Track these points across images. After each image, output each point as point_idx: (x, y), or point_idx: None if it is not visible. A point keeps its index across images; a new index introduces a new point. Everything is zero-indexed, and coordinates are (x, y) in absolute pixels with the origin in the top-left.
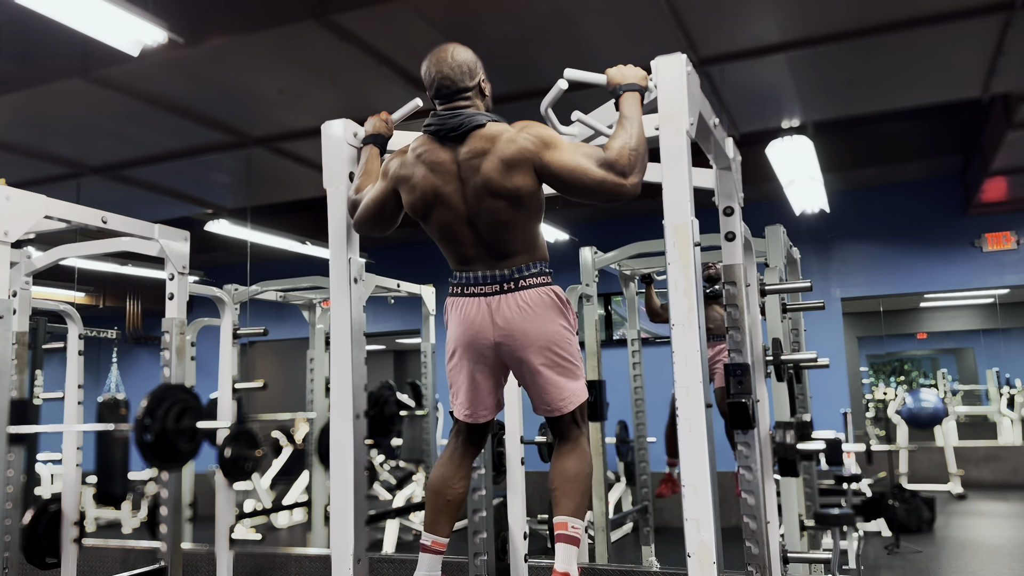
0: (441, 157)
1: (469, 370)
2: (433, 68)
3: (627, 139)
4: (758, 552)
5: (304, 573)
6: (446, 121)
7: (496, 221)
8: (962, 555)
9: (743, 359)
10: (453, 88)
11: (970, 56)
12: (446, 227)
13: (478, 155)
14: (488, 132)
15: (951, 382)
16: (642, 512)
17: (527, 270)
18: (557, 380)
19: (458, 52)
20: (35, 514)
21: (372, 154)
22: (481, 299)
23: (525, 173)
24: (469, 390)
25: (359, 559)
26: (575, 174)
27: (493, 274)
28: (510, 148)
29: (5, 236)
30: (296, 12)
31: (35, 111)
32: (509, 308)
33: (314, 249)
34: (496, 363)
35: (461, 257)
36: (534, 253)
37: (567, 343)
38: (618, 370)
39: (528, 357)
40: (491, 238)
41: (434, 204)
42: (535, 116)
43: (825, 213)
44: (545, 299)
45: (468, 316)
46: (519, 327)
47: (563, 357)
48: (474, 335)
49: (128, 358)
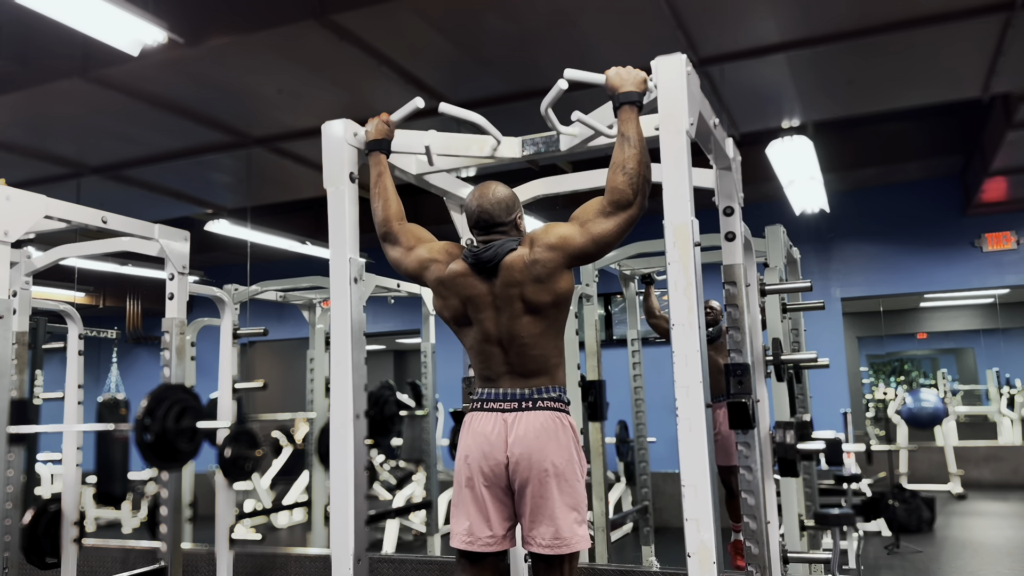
0: (478, 289)
1: (476, 488)
2: (475, 203)
3: (624, 165)
4: (758, 552)
5: (304, 573)
6: (480, 256)
7: (525, 340)
8: (962, 555)
9: (743, 359)
10: (491, 222)
11: (970, 56)
12: (476, 344)
13: (513, 285)
14: (514, 259)
15: (951, 382)
16: (642, 512)
17: (546, 392)
18: (561, 512)
19: (499, 190)
20: (35, 514)
21: (383, 168)
22: (499, 415)
23: (559, 277)
24: (472, 510)
25: (359, 559)
26: (599, 243)
27: (514, 392)
28: (537, 268)
29: (5, 236)
30: (296, 12)
31: (35, 111)
32: (523, 426)
33: (314, 249)
34: (505, 486)
35: (487, 373)
36: (554, 377)
37: (577, 480)
38: (618, 370)
39: (537, 478)
40: (518, 357)
41: (464, 325)
42: (535, 117)
43: (825, 213)
44: (559, 426)
45: (484, 430)
46: (531, 444)
47: (570, 494)
48: (488, 449)
49: (128, 358)
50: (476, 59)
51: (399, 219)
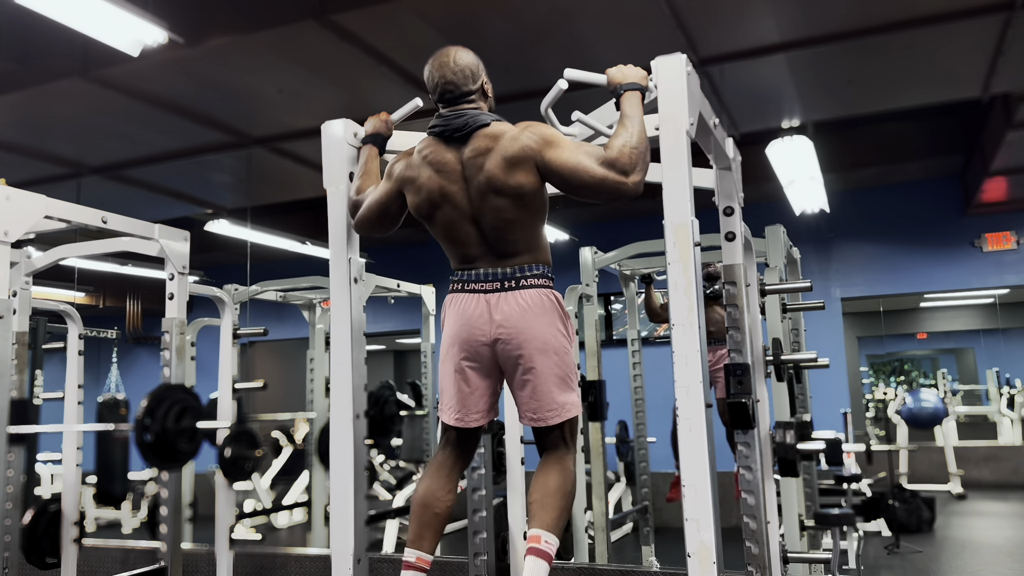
0: (446, 157)
1: (462, 368)
2: (436, 72)
3: (628, 138)
4: (758, 552)
5: (304, 573)
6: (451, 122)
7: (499, 219)
8: (962, 555)
9: (743, 359)
10: (457, 92)
11: (970, 56)
12: (450, 226)
13: (482, 154)
14: (492, 131)
15: (951, 382)
16: (642, 512)
17: (529, 270)
18: (549, 387)
19: (460, 55)
20: (35, 514)
21: (371, 154)
22: (480, 295)
23: (527, 171)
24: (460, 390)
25: (359, 559)
26: (576, 172)
27: (495, 272)
28: (512, 146)
29: (5, 236)
30: (296, 12)
31: (35, 111)
32: (508, 305)
33: (314, 249)
34: (491, 364)
35: (464, 256)
36: (537, 255)
37: (564, 352)
38: (618, 370)
39: (523, 356)
40: (494, 237)
41: (439, 204)
42: (535, 116)
43: (825, 213)
44: (545, 301)
45: (466, 311)
46: (517, 324)
47: (558, 365)
48: (471, 331)
49: (128, 358)
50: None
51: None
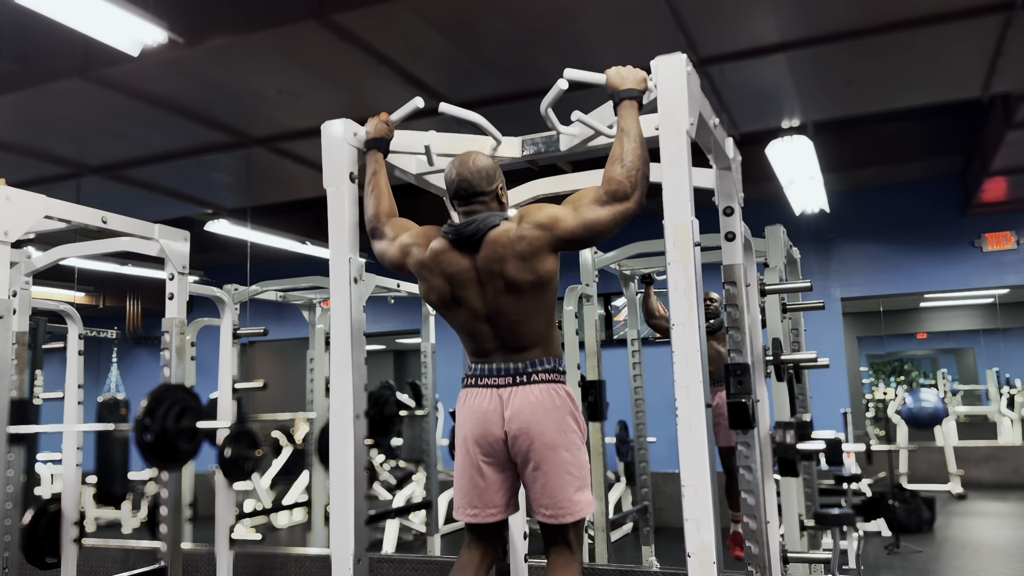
0: (461, 265)
1: (476, 463)
2: (454, 171)
3: (623, 159)
4: (758, 552)
5: (304, 573)
6: (461, 230)
7: (515, 315)
8: (962, 555)
9: (743, 359)
10: (471, 191)
11: (970, 56)
12: (465, 324)
13: (496, 260)
14: (499, 235)
15: (951, 382)
16: (642, 512)
17: (540, 364)
18: (561, 484)
19: (480, 159)
20: (35, 514)
21: (379, 166)
22: (493, 390)
23: (544, 258)
24: (476, 485)
25: (359, 559)
26: (589, 229)
27: (507, 367)
28: (522, 245)
29: (5, 236)
30: (296, 12)
31: (35, 111)
32: (519, 400)
33: (314, 249)
34: (506, 458)
35: (479, 350)
36: (548, 348)
37: (575, 447)
38: (618, 370)
39: (533, 452)
40: (508, 332)
41: (452, 307)
42: (535, 117)
43: (825, 213)
44: (555, 397)
45: (480, 407)
46: (527, 420)
47: (569, 462)
48: (486, 426)
49: (128, 358)
50: (476, 59)
51: (389, 215)
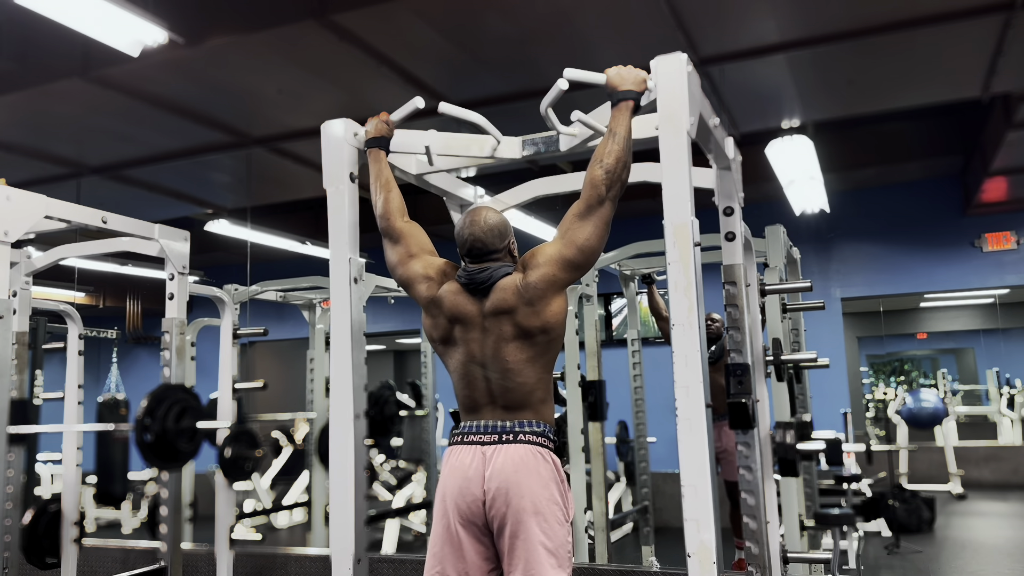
0: (468, 309)
1: (453, 527)
2: (466, 230)
3: (603, 161)
4: (758, 552)
5: (304, 573)
6: (474, 276)
7: (509, 367)
8: (962, 555)
9: (743, 359)
10: (484, 250)
11: (970, 56)
12: (461, 368)
13: (504, 308)
14: (508, 283)
15: (951, 382)
16: (642, 512)
17: (528, 426)
18: (539, 559)
19: (490, 216)
20: (35, 514)
21: (382, 163)
22: (477, 447)
23: (552, 300)
24: (447, 554)
25: (359, 559)
26: (585, 249)
27: (495, 424)
28: (529, 292)
29: (5, 236)
30: (296, 12)
31: (35, 111)
32: (501, 458)
33: (314, 249)
34: (483, 525)
35: (471, 403)
36: (540, 412)
37: (558, 523)
38: (618, 370)
39: (511, 515)
40: (501, 385)
41: (452, 347)
42: (535, 117)
43: (825, 213)
44: (540, 460)
45: (462, 464)
46: (508, 479)
47: (548, 534)
48: (465, 483)
49: (128, 358)
50: (476, 59)
51: (402, 214)
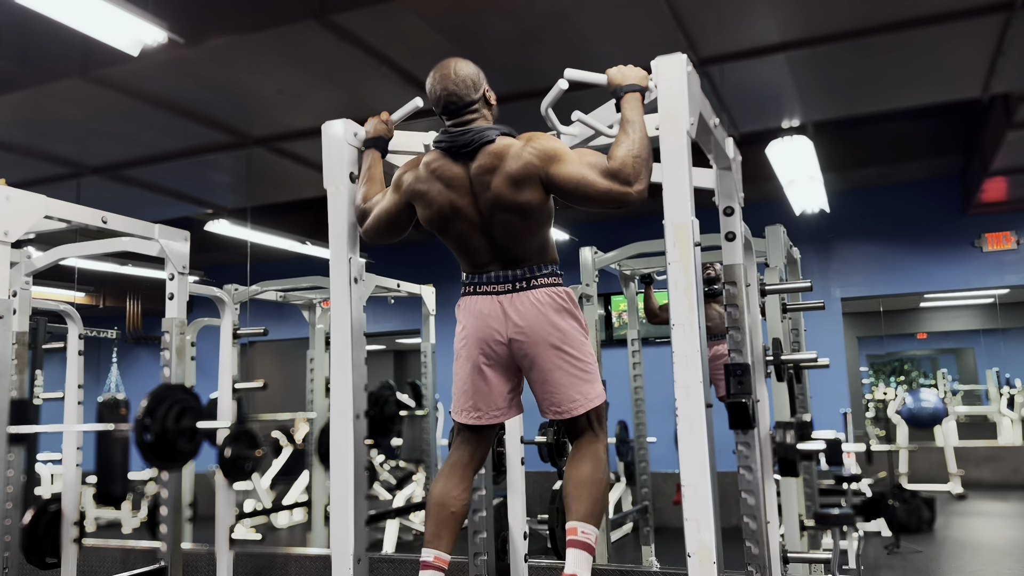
0: (454, 172)
1: (478, 366)
2: (438, 85)
3: (630, 145)
4: (758, 552)
5: (304, 573)
6: (456, 138)
7: (509, 231)
8: (962, 555)
9: (743, 359)
10: (460, 103)
11: (970, 56)
12: (462, 237)
13: (488, 171)
14: (497, 148)
15: (951, 382)
16: (642, 512)
17: (539, 271)
18: (570, 380)
19: (461, 66)
20: (35, 514)
21: (375, 159)
22: (494, 297)
23: (532, 188)
24: (478, 388)
25: (359, 559)
26: (580, 186)
27: (506, 274)
28: (516, 164)
29: (5, 236)
30: (296, 12)
31: (35, 111)
32: (522, 304)
33: (314, 249)
34: (509, 362)
35: (475, 263)
36: (545, 256)
37: (580, 344)
38: (618, 370)
39: (539, 353)
40: (504, 246)
41: (450, 217)
42: (536, 116)
43: (825, 213)
44: (556, 299)
45: (482, 312)
46: (531, 323)
47: (576, 357)
48: (487, 330)
49: (128, 358)
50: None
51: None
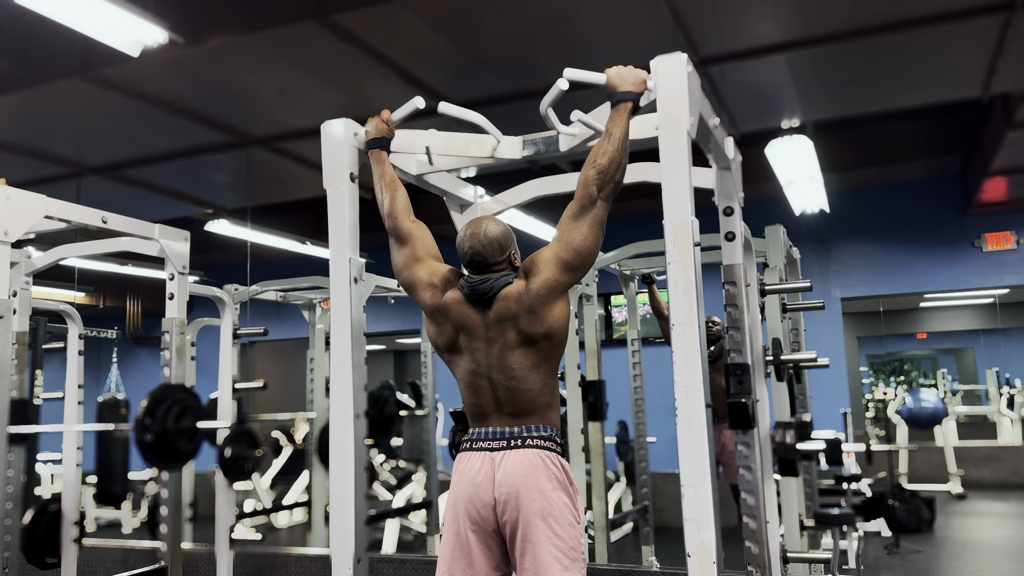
0: (471, 318)
1: (464, 535)
2: (467, 243)
3: (596, 161)
4: (758, 552)
5: (304, 573)
6: (476, 287)
7: (515, 375)
8: (962, 555)
9: (743, 359)
10: (484, 263)
11: (970, 56)
12: (467, 377)
13: (507, 316)
14: (510, 291)
15: (951, 382)
16: (642, 512)
17: (536, 430)
18: (548, 560)
19: (491, 229)
20: (35, 514)
21: (384, 162)
22: (486, 453)
23: (553, 304)
24: (456, 555)
25: (359, 559)
26: (581, 250)
27: (503, 431)
28: (530, 297)
29: (5, 236)
30: (296, 12)
31: (35, 111)
32: (511, 462)
33: (314, 249)
34: (493, 530)
35: (478, 411)
36: (546, 417)
37: (567, 523)
38: (618, 370)
39: (522, 519)
40: (507, 393)
41: (457, 356)
42: (535, 116)
43: (825, 213)
44: (549, 465)
45: (471, 470)
46: (517, 483)
47: (559, 536)
48: (475, 489)
49: (128, 358)
50: (476, 59)
51: (408, 214)
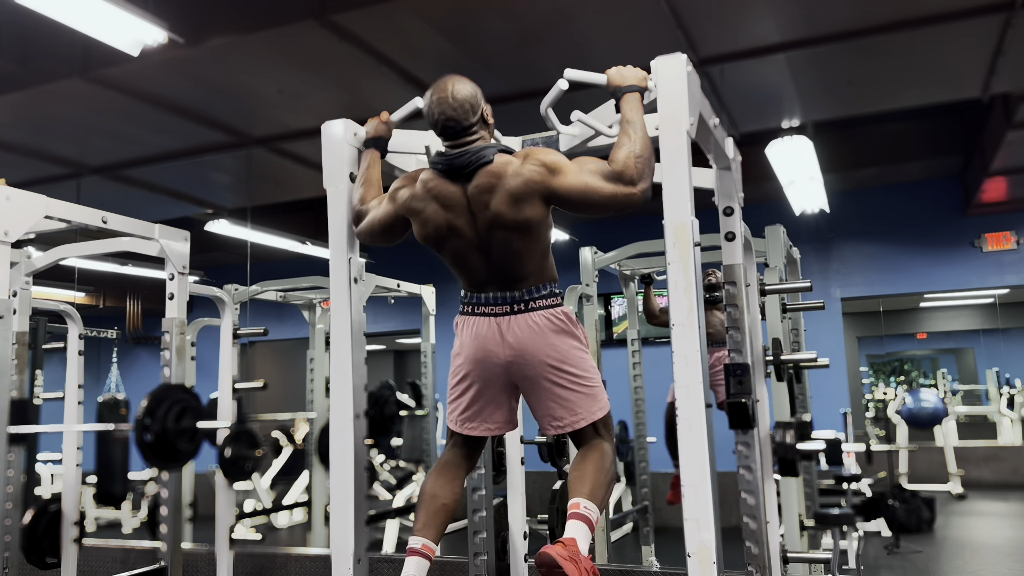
0: (451, 192)
1: (478, 387)
2: (436, 108)
3: (631, 146)
4: (758, 552)
5: (304, 573)
6: (453, 161)
7: (507, 251)
8: (962, 555)
9: (743, 359)
10: (457, 127)
11: (970, 56)
12: (459, 256)
13: (486, 191)
14: (495, 168)
15: (951, 382)
16: (642, 512)
17: (536, 292)
18: (569, 396)
19: (458, 88)
20: (35, 514)
21: (373, 160)
22: (491, 319)
23: (533, 204)
24: (474, 404)
25: (359, 559)
26: (585, 194)
27: (504, 295)
28: (516, 182)
29: (5, 236)
30: (296, 12)
31: (35, 111)
32: (519, 327)
33: (314, 249)
34: (507, 383)
35: (474, 282)
36: (544, 275)
37: (579, 360)
38: (618, 370)
39: (538, 375)
40: (502, 265)
41: (447, 237)
42: (535, 117)
43: (825, 213)
44: (555, 320)
45: (479, 334)
46: (529, 347)
47: (575, 374)
48: (485, 353)
49: (128, 358)
50: (476, 59)
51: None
